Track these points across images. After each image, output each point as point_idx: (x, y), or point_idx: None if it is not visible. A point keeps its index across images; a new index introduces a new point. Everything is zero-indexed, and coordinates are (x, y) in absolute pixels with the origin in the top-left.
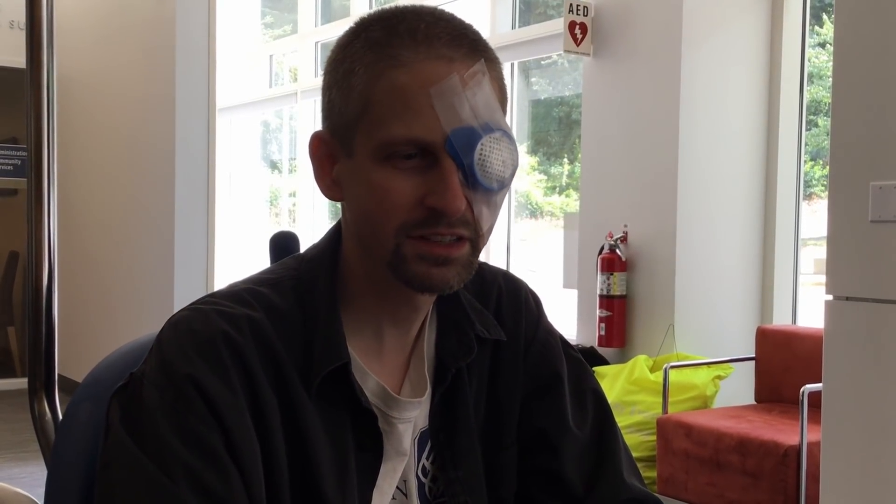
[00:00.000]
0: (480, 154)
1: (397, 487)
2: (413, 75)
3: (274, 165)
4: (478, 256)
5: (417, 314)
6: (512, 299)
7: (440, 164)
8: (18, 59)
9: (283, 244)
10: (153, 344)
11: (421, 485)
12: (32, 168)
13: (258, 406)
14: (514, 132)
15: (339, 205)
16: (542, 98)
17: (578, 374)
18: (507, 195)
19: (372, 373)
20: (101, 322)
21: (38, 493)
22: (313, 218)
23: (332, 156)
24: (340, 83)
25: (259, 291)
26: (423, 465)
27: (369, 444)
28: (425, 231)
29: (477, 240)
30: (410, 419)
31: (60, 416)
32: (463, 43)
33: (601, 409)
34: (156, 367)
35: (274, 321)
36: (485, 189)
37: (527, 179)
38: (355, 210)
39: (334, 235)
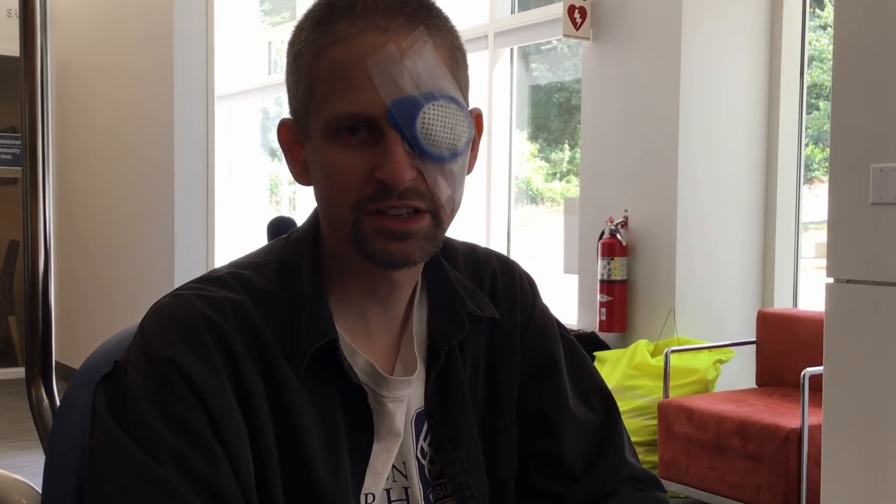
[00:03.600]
0: (423, 123)
1: (396, 469)
2: (351, 49)
3: (273, 153)
4: (443, 229)
5: (398, 291)
6: (507, 281)
7: (384, 136)
8: (17, 48)
9: (280, 229)
10: (136, 332)
11: (420, 466)
12: (27, 155)
13: (243, 388)
14: (514, 118)
15: None
16: (542, 84)
17: (575, 356)
18: (466, 163)
19: (361, 352)
20: (101, 310)
21: (40, 482)
22: (314, 206)
23: (298, 142)
24: (292, 67)
25: (242, 275)
26: (421, 446)
27: (359, 422)
28: (379, 205)
29: (437, 211)
30: (401, 398)
31: (58, 403)
32: (402, 12)
33: (602, 392)
34: (138, 353)
35: (258, 303)
36: (435, 158)
37: (527, 165)
38: (318, 191)
39: (314, 218)
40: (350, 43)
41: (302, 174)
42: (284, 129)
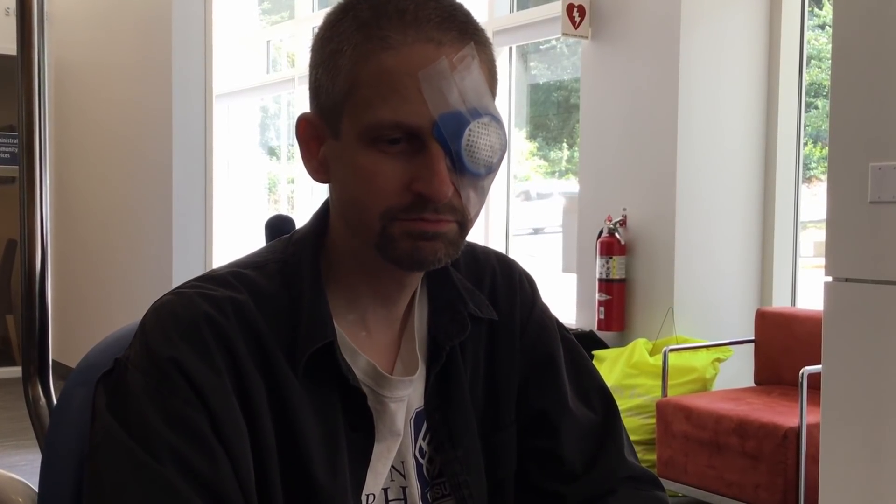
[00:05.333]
0: (468, 140)
1: (395, 468)
2: (401, 59)
3: (272, 152)
4: (465, 237)
5: (404, 291)
6: (506, 280)
7: (427, 149)
8: (14, 46)
9: (278, 228)
10: (137, 329)
11: (419, 465)
12: (24, 153)
13: (244, 387)
14: (513, 117)
15: None
16: (541, 82)
17: (575, 355)
18: (494, 179)
19: (362, 352)
20: (99, 309)
21: (37, 481)
22: (312, 204)
23: (318, 137)
24: (327, 63)
25: (244, 274)
26: (420, 445)
27: (360, 423)
28: (412, 216)
29: (465, 223)
30: (402, 398)
31: (55, 401)
32: (452, 25)
33: (601, 391)
34: (139, 351)
35: (259, 303)
36: (472, 174)
37: (526, 164)
38: (341, 192)
39: (322, 216)
40: (401, 52)
41: (318, 171)
42: (304, 124)
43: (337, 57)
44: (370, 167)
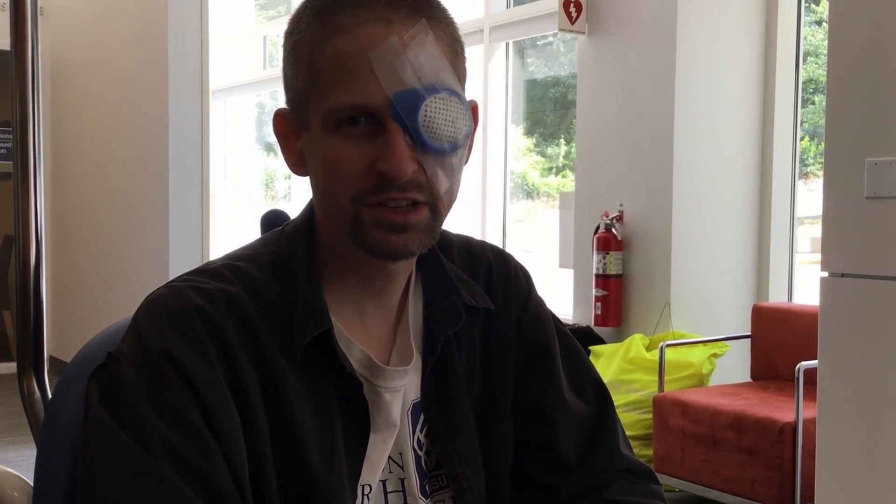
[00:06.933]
0: (425, 115)
1: (393, 460)
2: (353, 41)
3: (269, 148)
4: (440, 221)
5: (393, 282)
6: (501, 273)
7: (386, 128)
8: (8, 42)
9: (274, 222)
10: (129, 323)
11: (417, 457)
12: (18, 146)
13: (237, 380)
14: (510, 113)
15: None
16: (538, 78)
17: (570, 347)
18: (465, 155)
19: (357, 342)
20: (95, 305)
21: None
22: (308, 198)
23: (294, 131)
24: (290, 56)
25: (237, 266)
26: (418, 437)
27: (355, 414)
28: (379, 197)
29: (435, 203)
30: (398, 388)
31: (50, 396)
32: (403, 4)
33: (596, 384)
34: (132, 345)
35: (252, 295)
36: (435, 150)
37: (523, 160)
38: (317, 183)
39: (309, 210)
40: (352, 34)
41: (298, 164)
42: (280, 120)
43: (298, 49)
44: (335, 153)
